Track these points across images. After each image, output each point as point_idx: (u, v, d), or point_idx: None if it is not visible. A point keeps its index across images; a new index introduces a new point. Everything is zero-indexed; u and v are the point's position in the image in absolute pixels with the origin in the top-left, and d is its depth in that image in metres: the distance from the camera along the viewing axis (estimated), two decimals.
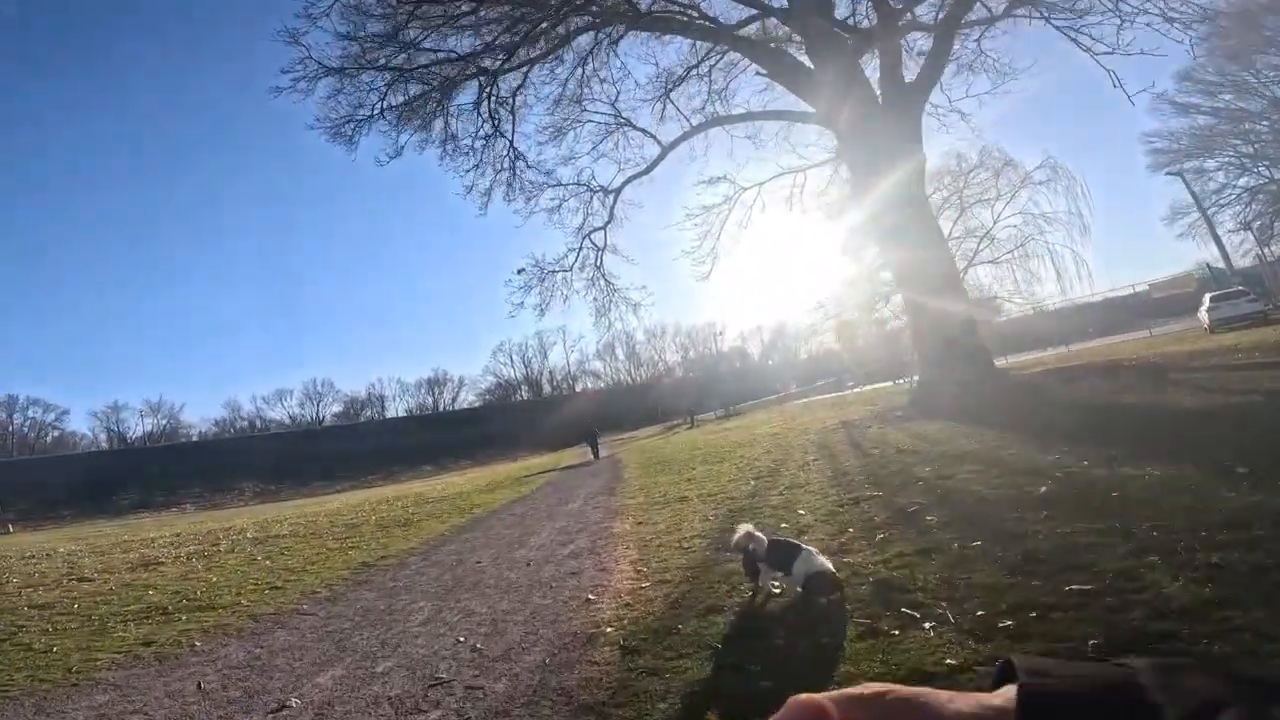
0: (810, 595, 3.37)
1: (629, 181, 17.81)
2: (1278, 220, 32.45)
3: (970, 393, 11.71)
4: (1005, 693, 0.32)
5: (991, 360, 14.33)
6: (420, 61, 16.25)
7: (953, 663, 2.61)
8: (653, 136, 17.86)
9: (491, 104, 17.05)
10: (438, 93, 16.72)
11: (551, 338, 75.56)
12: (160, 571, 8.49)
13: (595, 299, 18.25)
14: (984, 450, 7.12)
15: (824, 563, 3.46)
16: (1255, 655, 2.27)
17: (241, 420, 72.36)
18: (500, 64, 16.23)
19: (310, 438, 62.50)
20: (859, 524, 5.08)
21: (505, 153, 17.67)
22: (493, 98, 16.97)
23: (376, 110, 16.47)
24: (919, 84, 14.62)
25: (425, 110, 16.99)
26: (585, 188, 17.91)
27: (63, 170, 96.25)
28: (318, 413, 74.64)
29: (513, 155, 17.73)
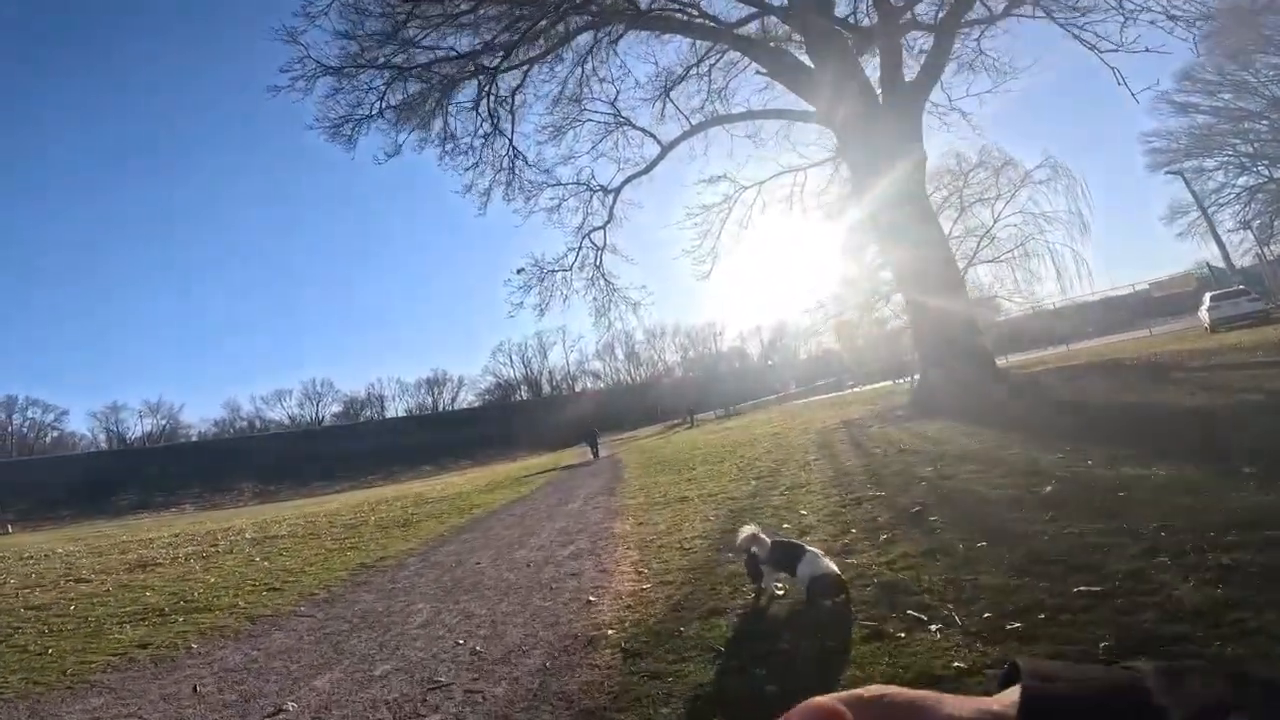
0: (815, 597, 3.32)
1: (629, 181, 17.78)
2: (1277, 219, 32.49)
3: (971, 392, 11.67)
4: (1008, 696, 0.32)
5: (992, 359, 14.28)
6: (419, 60, 16.18)
7: (961, 666, 2.57)
8: (652, 136, 17.83)
9: (491, 103, 17.01)
10: (437, 91, 16.66)
11: (551, 338, 75.54)
12: (157, 572, 8.44)
13: (595, 299, 18.22)
14: (986, 450, 7.09)
15: (829, 564, 3.41)
16: (1269, 659, 2.23)
17: (241, 420, 72.35)
18: (499, 62, 16.18)
19: (309, 438, 62.41)
20: (862, 525, 5.04)
21: (504, 152, 17.63)
22: (492, 96, 16.94)
23: (375, 110, 16.42)
24: (919, 83, 14.56)
25: (424, 109, 16.93)
26: (585, 187, 17.87)
27: (62, 171, 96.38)
28: (317, 413, 74.59)
29: (512, 154, 17.70)
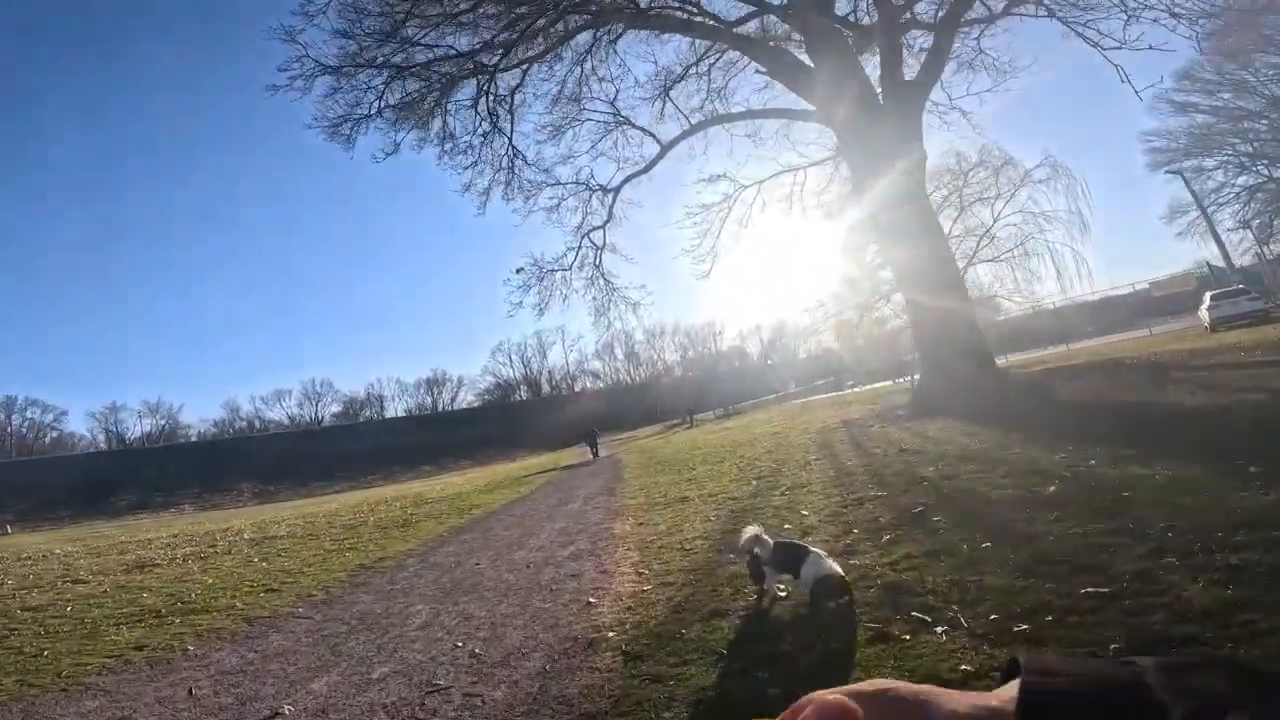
0: (819, 599, 3.28)
1: (628, 180, 17.74)
2: (1277, 218, 32.50)
3: (972, 391, 11.64)
4: (1008, 690, 0.32)
5: (992, 359, 14.26)
6: (418, 59, 16.14)
7: (968, 668, 2.53)
8: (652, 135, 17.80)
9: (490, 102, 16.97)
10: (436, 90, 16.62)
11: (550, 337, 75.39)
12: (155, 573, 8.39)
13: (594, 298, 18.20)
14: (988, 449, 7.05)
15: (832, 566, 3.37)
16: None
17: (240, 421, 72.09)
18: (498, 61, 16.13)
19: (309, 438, 62.26)
20: (864, 525, 5.00)
21: (504, 151, 17.60)
22: (491, 95, 16.90)
23: (374, 109, 16.38)
24: (919, 82, 14.54)
25: (423, 108, 16.88)
26: (584, 186, 17.84)
27: (61, 171, 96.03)
28: (317, 413, 74.39)
29: (511, 154, 17.66)
